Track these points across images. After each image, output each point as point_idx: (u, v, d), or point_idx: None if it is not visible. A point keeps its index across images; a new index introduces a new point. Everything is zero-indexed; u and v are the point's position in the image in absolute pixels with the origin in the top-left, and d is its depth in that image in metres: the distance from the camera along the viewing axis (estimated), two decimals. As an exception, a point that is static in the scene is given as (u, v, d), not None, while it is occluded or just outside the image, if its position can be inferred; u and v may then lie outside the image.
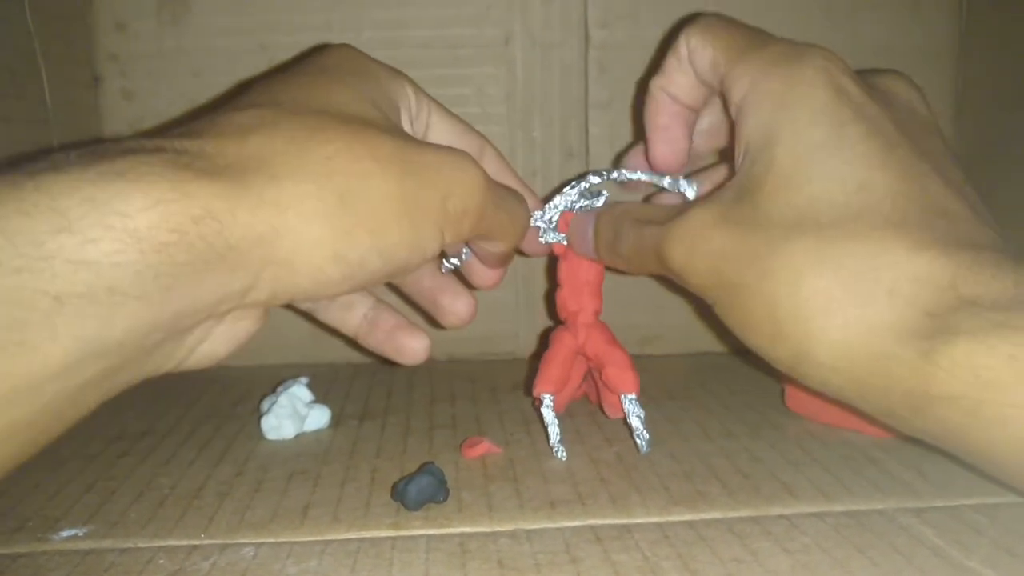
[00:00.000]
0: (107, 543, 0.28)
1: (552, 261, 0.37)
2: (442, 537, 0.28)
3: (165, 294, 0.21)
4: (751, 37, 0.30)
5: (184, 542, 0.28)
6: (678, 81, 0.32)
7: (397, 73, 0.32)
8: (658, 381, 0.44)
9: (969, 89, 0.48)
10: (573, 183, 0.35)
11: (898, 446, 0.34)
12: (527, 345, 0.49)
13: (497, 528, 0.28)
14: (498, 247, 0.32)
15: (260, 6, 0.45)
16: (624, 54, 0.47)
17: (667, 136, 0.33)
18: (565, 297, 0.36)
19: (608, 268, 0.35)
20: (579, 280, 0.36)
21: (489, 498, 0.30)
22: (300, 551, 0.27)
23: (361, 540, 0.28)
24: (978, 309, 0.22)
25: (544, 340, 0.38)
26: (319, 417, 0.38)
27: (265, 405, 0.39)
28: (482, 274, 0.35)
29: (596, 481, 0.32)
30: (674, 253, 0.28)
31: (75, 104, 0.44)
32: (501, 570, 0.25)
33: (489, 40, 0.46)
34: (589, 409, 0.39)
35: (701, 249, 0.28)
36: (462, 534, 0.28)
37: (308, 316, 0.35)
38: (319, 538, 0.28)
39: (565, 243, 0.35)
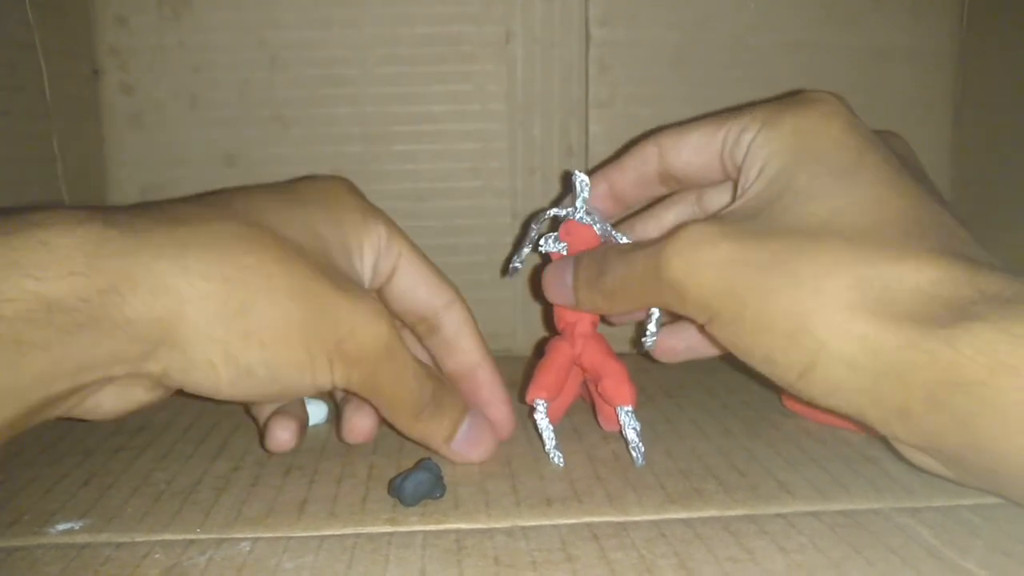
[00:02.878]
0: (103, 537, 0.28)
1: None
2: (438, 533, 0.28)
3: (67, 349, 0.24)
4: (731, 110, 0.32)
5: (180, 536, 0.28)
6: (628, 177, 0.35)
7: (375, 215, 0.33)
8: (655, 379, 0.44)
9: (969, 92, 0.48)
10: (534, 223, 0.36)
11: (895, 446, 0.34)
12: (524, 343, 0.49)
13: (494, 525, 0.28)
14: (383, 411, 0.32)
15: (261, 2, 0.45)
16: (625, 53, 0.47)
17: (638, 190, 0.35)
18: (563, 308, 0.36)
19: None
20: None
21: (486, 495, 0.30)
22: (296, 546, 0.27)
23: (357, 536, 0.28)
24: (999, 301, 0.23)
25: (540, 350, 0.38)
26: (316, 412, 0.38)
27: (262, 400, 0.38)
28: (355, 425, 0.34)
29: (593, 479, 0.32)
30: (674, 264, 0.28)
31: (75, 97, 0.44)
32: (497, 567, 0.25)
33: (490, 37, 0.46)
34: (586, 406, 0.39)
35: (707, 258, 0.28)
36: (458, 530, 0.28)
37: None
38: (315, 533, 0.28)
39: (564, 252, 0.35)
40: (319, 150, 0.47)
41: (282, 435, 0.33)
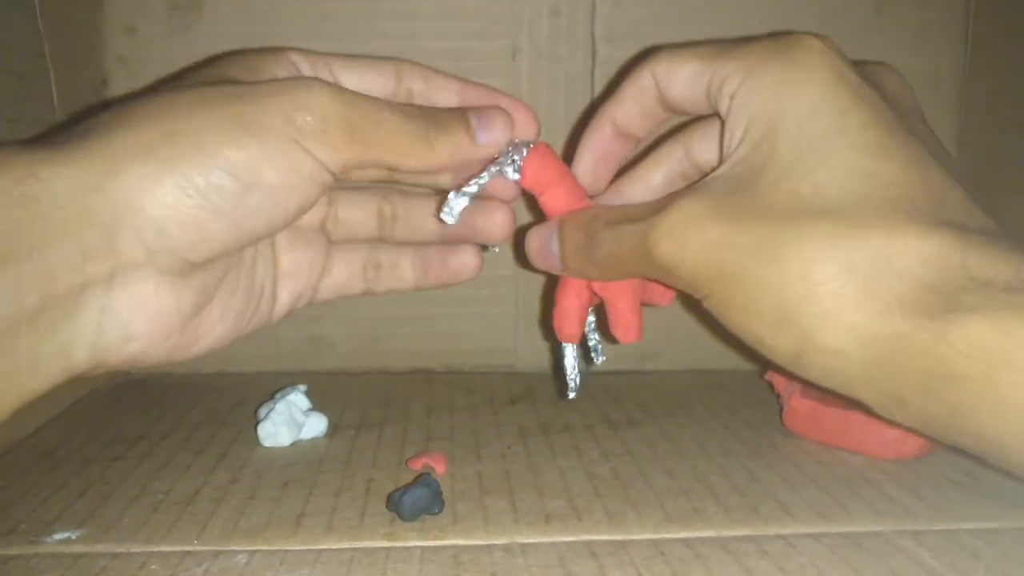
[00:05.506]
0: (100, 547, 0.28)
1: (551, 282, 0.36)
2: (436, 549, 0.28)
3: (12, 253, 0.22)
4: (730, 42, 0.30)
5: (177, 548, 0.28)
6: (630, 110, 0.33)
7: (283, 51, 0.31)
8: (657, 398, 0.44)
9: (972, 114, 0.48)
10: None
11: (896, 468, 0.34)
12: (525, 358, 0.49)
13: (492, 541, 0.28)
14: (406, 163, 0.29)
15: (270, 14, 0.46)
16: (630, 70, 0.47)
17: (602, 165, 0.34)
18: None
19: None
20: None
21: (484, 511, 0.30)
22: (293, 559, 0.27)
23: (355, 550, 0.28)
24: (990, 290, 0.23)
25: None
26: (316, 425, 0.38)
27: (262, 412, 0.38)
28: (486, 226, 0.34)
29: (592, 496, 0.32)
30: (663, 247, 0.27)
31: (83, 106, 0.45)
32: (495, 583, 0.25)
33: (496, 53, 0.47)
34: (586, 423, 0.39)
35: (695, 241, 0.27)
36: (456, 546, 0.28)
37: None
38: (312, 547, 0.28)
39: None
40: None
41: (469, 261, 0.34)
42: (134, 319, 0.25)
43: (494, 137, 0.31)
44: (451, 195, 0.30)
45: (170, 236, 0.25)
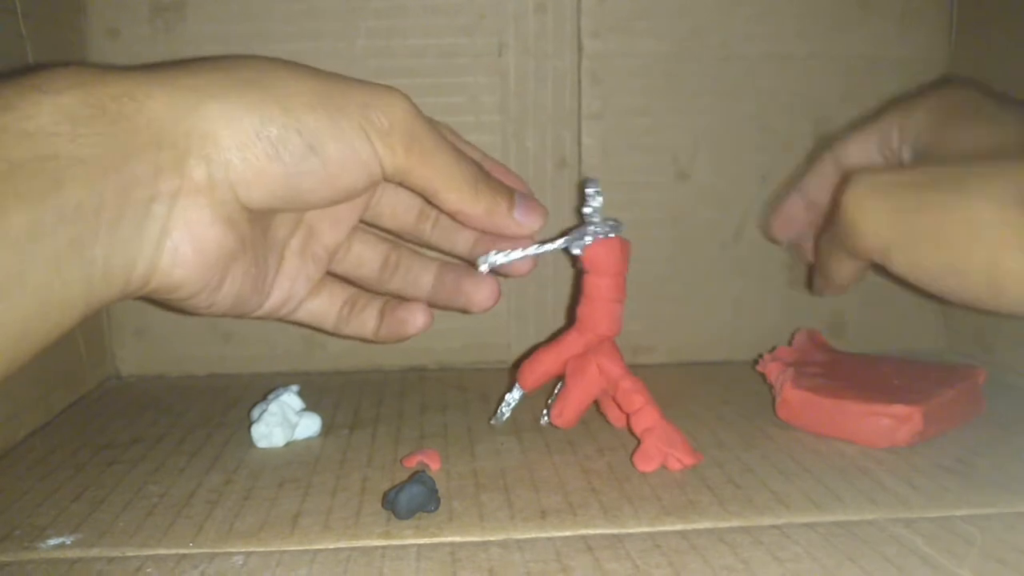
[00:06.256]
0: (95, 552, 0.28)
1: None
2: (433, 546, 0.28)
3: (101, 161, 0.24)
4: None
5: (173, 551, 0.28)
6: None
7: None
8: (650, 391, 0.44)
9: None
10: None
11: (889, 457, 0.34)
12: (518, 354, 0.49)
13: (488, 537, 0.28)
14: (446, 195, 0.32)
15: (254, 15, 0.45)
16: (617, 64, 0.47)
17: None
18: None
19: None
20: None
21: (480, 507, 0.30)
22: (290, 560, 0.27)
23: (351, 549, 0.28)
24: None
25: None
26: (309, 425, 0.38)
27: (255, 413, 0.38)
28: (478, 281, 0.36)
29: (587, 491, 0.32)
30: (848, 207, 0.31)
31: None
32: (492, 579, 0.25)
33: (482, 49, 0.47)
34: (584, 418, 0.39)
35: (876, 191, 0.31)
36: (453, 543, 0.28)
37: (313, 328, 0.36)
38: (309, 547, 0.28)
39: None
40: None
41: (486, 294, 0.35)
42: (185, 244, 0.27)
43: (527, 222, 0.34)
44: (494, 254, 0.35)
45: (234, 171, 0.28)
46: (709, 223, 0.49)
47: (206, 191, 0.27)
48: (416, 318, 0.35)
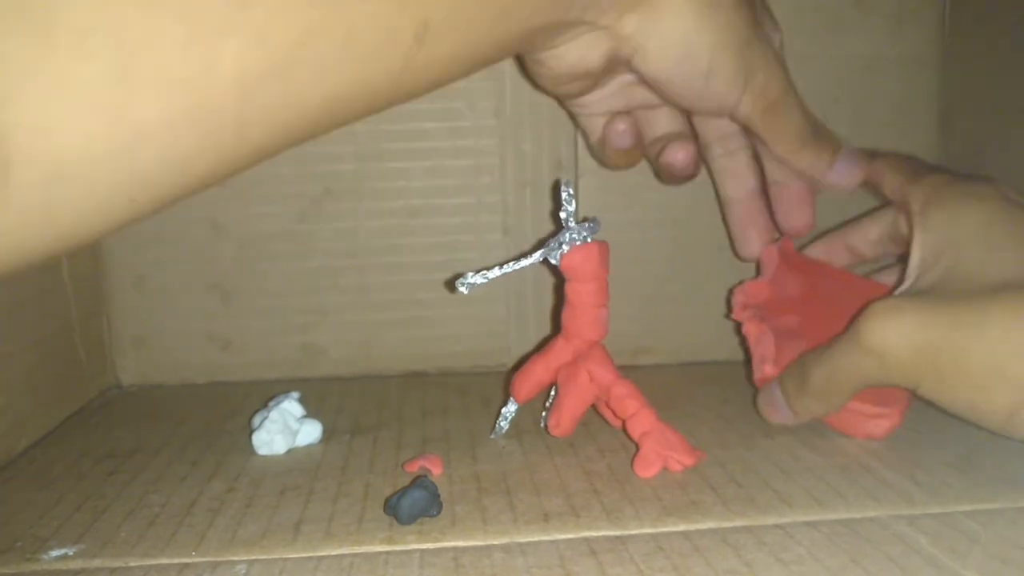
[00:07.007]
0: (97, 562, 0.28)
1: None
2: (436, 551, 0.28)
3: None
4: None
5: (175, 560, 0.27)
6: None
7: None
8: (650, 392, 0.43)
9: (953, 100, 0.49)
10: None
11: (891, 454, 0.34)
12: (518, 357, 0.49)
13: (491, 542, 0.28)
14: (775, 147, 0.37)
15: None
16: (613, 66, 0.47)
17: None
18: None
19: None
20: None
21: (483, 511, 0.30)
22: (293, 567, 0.27)
23: (354, 555, 0.27)
24: None
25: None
26: (311, 432, 0.38)
27: (256, 420, 0.38)
28: (791, 210, 0.41)
29: (589, 493, 0.32)
30: (871, 339, 0.31)
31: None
32: (495, 584, 0.25)
33: (478, 53, 0.47)
34: (583, 420, 0.39)
35: (898, 326, 0.30)
36: (456, 548, 0.28)
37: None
38: (312, 554, 0.28)
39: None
40: (311, 168, 0.47)
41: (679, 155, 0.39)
42: (570, 61, 0.34)
43: (842, 180, 0.38)
44: (471, 275, 0.34)
45: (647, 48, 0.32)
46: (709, 223, 0.49)
47: (616, 45, 0.32)
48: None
